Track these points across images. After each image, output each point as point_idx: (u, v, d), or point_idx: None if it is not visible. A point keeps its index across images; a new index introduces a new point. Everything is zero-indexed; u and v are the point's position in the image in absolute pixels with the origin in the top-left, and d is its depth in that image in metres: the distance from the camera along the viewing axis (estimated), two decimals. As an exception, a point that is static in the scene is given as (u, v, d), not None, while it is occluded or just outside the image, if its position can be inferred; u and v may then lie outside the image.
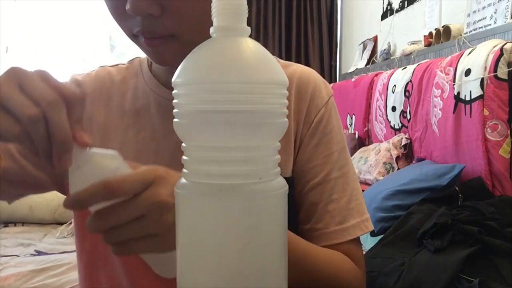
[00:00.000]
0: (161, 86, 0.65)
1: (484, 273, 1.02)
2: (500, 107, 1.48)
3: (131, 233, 0.40)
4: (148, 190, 0.39)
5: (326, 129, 0.64)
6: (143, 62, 0.69)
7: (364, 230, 0.63)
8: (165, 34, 0.52)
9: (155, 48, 0.54)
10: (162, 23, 0.51)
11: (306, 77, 0.66)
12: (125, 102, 0.66)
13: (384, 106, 2.48)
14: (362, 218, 0.63)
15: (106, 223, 0.39)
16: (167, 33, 0.52)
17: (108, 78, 0.68)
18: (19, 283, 1.78)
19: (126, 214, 0.39)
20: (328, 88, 0.68)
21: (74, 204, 0.39)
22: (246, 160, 0.31)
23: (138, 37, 0.54)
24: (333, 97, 0.68)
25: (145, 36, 0.52)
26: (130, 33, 0.54)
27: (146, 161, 0.59)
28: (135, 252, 0.42)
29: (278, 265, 0.33)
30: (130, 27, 0.53)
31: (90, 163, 0.40)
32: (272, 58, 0.33)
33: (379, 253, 1.29)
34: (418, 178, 1.66)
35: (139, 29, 0.52)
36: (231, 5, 0.32)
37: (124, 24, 0.54)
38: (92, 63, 3.96)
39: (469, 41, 1.94)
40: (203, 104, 0.30)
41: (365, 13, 3.48)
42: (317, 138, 0.64)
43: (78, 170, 0.40)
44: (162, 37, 0.52)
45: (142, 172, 0.40)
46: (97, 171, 0.40)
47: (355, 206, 0.63)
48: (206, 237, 0.31)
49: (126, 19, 0.52)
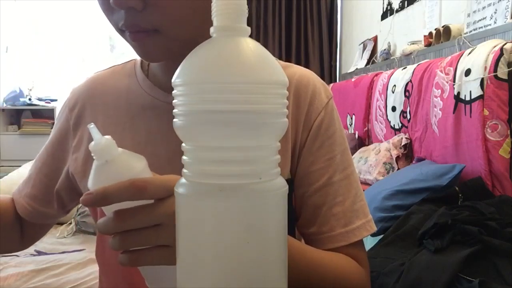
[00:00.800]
0: (155, 88, 0.64)
1: (484, 273, 1.02)
2: (500, 107, 1.48)
3: (145, 241, 0.39)
4: (171, 198, 0.39)
5: (327, 132, 0.64)
6: (137, 64, 0.69)
7: (369, 231, 0.63)
8: (148, 28, 0.52)
9: (139, 42, 0.53)
10: (144, 17, 0.51)
11: (305, 80, 0.65)
12: (120, 105, 0.65)
13: (384, 106, 2.48)
14: (367, 219, 0.63)
15: (123, 225, 0.39)
16: (150, 27, 0.52)
17: (101, 82, 0.69)
18: (19, 283, 1.78)
19: (146, 218, 0.39)
20: (328, 90, 0.67)
21: (101, 198, 0.38)
22: (246, 160, 0.31)
23: (124, 31, 0.54)
24: (333, 99, 0.67)
25: (129, 30, 0.52)
26: (117, 27, 0.54)
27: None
28: (142, 263, 0.41)
29: (278, 265, 0.33)
30: (116, 21, 0.53)
31: (118, 161, 0.40)
32: (272, 58, 0.33)
33: (379, 253, 1.29)
34: (418, 178, 1.66)
35: (123, 23, 0.52)
36: (231, 5, 0.32)
37: (111, 18, 0.54)
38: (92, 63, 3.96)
39: (469, 41, 1.94)
40: (203, 104, 0.30)
41: (365, 13, 3.48)
42: (319, 141, 0.63)
43: (105, 166, 0.40)
44: (146, 31, 0.52)
45: (166, 179, 0.40)
46: (124, 170, 0.39)
47: (359, 207, 0.63)
48: (206, 237, 0.31)
49: (113, 13, 0.53)
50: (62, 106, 0.72)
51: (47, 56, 4.03)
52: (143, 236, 0.39)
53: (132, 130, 0.64)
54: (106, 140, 0.40)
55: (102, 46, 4.20)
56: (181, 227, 0.33)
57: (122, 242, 0.39)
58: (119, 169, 0.39)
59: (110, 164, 0.40)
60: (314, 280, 0.55)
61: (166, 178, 0.40)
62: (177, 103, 0.32)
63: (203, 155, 0.31)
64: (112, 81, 0.68)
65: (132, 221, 0.39)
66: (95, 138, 0.40)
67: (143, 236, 0.39)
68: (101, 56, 4.14)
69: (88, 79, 0.71)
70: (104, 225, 0.39)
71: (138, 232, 0.39)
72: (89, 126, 0.41)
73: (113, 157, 0.40)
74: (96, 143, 0.40)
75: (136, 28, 0.52)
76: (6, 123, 3.96)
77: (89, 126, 0.41)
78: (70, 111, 0.69)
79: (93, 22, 4.01)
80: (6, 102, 3.88)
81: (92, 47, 4.15)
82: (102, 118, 0.66)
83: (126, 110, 0.65)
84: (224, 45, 0.32)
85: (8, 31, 3.73)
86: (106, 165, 0.40)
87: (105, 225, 0.39)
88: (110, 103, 0.66)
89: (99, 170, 0.40)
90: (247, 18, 0.33)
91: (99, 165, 0.40)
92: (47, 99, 3.97)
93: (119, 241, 0.39)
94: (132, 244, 0.39)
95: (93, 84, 0.69)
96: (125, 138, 0.63)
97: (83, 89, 0.69)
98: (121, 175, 0.39)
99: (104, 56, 4.15)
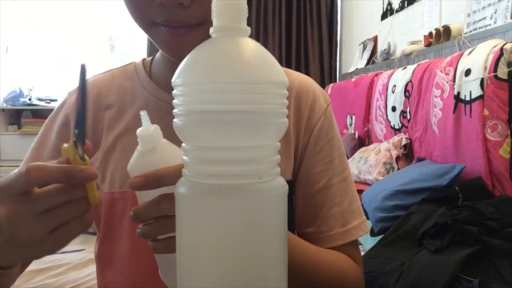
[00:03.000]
0: (160, 90, 0.65)
1: (484, 273, 1.02)
2: (500, 107, 1.48)
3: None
4: None
5: (327, 136, 0.67)
6: (139, 66, 0.68)
7: (365, 230, 0.66)
8: (193, 23, 0.52)
9: (178, 38, 0.53)
10: (190, 12, 0.50)
11: (306, 86, 0.68)
12: (123, 107, 0.66)
13: (384, 106, 2.48)
14: (362, 219, 0.67)
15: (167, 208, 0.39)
16: (195, 21, 0.52)
17: (103, 85, 0.68)
18: (19, 283, 1.78)
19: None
20: (326, 96, 0.70)
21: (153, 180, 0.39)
22: (246, 160, 0.31)
23: (158, 26, 0.53)
24: (331, 105, 0.70)
25: (172, 25, 0.52)
26: (150, 21, 0.53)
27: None
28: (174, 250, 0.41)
29: (278, 265, 0.33)
30: (152, 15, 0.52)
31: (165, 148, 0.42)
32: (272, 58, 0.33)
33: (379, 253, 1.29)
34: (418, 178, 1.66)
35: (165, 19, 0.51)
36: (231, 5, 0.32)
37: (143, 13, 0.53)
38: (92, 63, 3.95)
39: (469, 41, 1.94)
40: (203, 104, 0.30)
41: (365, 13, 3.48)
42: (320, 145, 0.66)
43: (153, 152, 0.41)
44: (189, 25, 0.52)
45: None
46: (171, 156, 0.41)
47: (356, 208, 0.66)
48: (206, 237, 0.31)
49: (147, 7, 0.51)
50: (56, 109, 0.69)
51: (47, 56, 4.03)
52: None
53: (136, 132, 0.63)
54: (155, 128, 0.42)
55: (102, 46, 4.20)
56: (181, 227, 0.33)
57: (162, 227, 0.40)
58: (166, 155, 0.41)
59: (157, 151, 0.42)
60: (316, 276, 0.58)
61: None
62: (177, 103, 0.32)
63: (203, 155, 0.31)
64: (115, 84, 0.68)
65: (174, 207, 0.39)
66: (144, 125, 0.42)
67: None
68: (101, 56, 4.14)
69: (92, 81, 0.69)
70: (146, 209, 0.40)
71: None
72: (141, 113, 0.42)
73: (160, 144, 0.42)
74: (145, 129, 0.42)
75: (181, 24, 0.52)
76: (6, 123, 3.95)
77: (141, 113, 0.42)
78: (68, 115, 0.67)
79: (93, 22, 4.01)
80: (6, 102, 3.87)
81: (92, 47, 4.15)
82: (106, 120, 0.65)
83: (130, 111, 0.65)
84: (224, 45, 0.32)
85: (8, 31, 3.73)
86: (153, 151, 0.41)
87: (147, 209, 0.40)
88: (114, 105, 0.66)
89: (145, 156, 0.42)
90: (247, 18, 0.33)
91: (145, 150, 0.42)
92: (47, 99, 3.97)
93: (157, 226, 0.40)
94: (172, 230, 0.39)
95: (94, 88, 0.68)
96: (129, 140, 0.63)
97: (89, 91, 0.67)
98: (168, 160, 0.40)
99: (104, 56, 4.15)
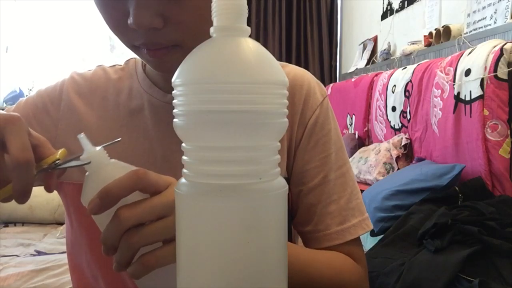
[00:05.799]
0: (154, 87, 0.65)
1: (484, 273, 1.02)
2: (500, 107, 1.48)
3: (152, 235, 0.38)
4: (168, 189, 0.39)
5: (322, 130, 0.64)
6: (138, 63, 0.69)
7: (365, 229, 0.63)
8: (169, 45, 0.52)
9: (159, 58, 0.53)
10: (165, 35, 0.50)
11: (300, 79, 0.65)
12: (119, 102, 0.66)
13: (384, 106, 2.48)
14: (363, 217, 0.64)
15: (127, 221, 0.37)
16: (170, 43, 0.52)
17: (104, 77, 0.69)
18: (19, 283, 1.78)
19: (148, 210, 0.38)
20: (323, 89, 0.67)
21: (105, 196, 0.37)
22: (246, 160, 0.31)
23: (139, 48, 0.53)
24: (328, 98, 0.68)
25: (149, 48, 0.52)
26: (131, 45, 0.54)
27: (138, 161, 0.59)
28: (157, 264, 0.39)
29: (278, 265, 0.33)
30: (131, 39, 0.53)
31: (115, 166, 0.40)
32: (272, 58, 0.33)
33: (379, 253, 1.29)
34: (418, 178, 1.66)
35: (142, 42, 0.51)
36: (231, 5, 0.32)
37: (123, 36, 0.53)
38: (92, 63, 3.95)
39: (469, 41, 1.94)
40: (203, 104, 0.30)
41: (365, 13, 3.48)
42: (314, 139, 0.64)
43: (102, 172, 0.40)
44: (166, 47, 0.52)
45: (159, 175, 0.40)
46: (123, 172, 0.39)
47: (355, 205, 0.63)
48: (206, 237, 0.31)
49: (126, 32, 0.52)
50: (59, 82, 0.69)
51: (47, 56, 4.03)
52: (148, 230, 0.38)
53: (130, 127, 0.64)
54: (100, 149, 0.40)
55: (102, 46, 4.20)
56: (181, 227, 0.33)
57: (130, 241, 0.38)
58: (118, 172, 0.39)
59: (107, 170, 0.40)
60: (309, 282, 0.55)
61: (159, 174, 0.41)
62: (177, 103, 0.32)
63: (203, 155, 0.31)
64: (115, 77, 0.69)
65: (134, 214, 0.38)
66: (86, 149, 0.40)
67: (148, 230, 0.38)
68: (101, 56, 4.14)
69: (94, 70, 0.70)
70: (108, 231, 0.38)
71: (143, 228, 0.38)
72: (79, 136, 0.40)
73: (108, 164, 0.40)
74: (88, 152, 0.40)
75: (157, 46, 0.52)
76: (6, 123, 3.95)
77: (79, 136, 0.40)
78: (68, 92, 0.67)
79: (93, 22, 4.01)
80: (6, 102, 3.87)
81: (92, 47, 4.15)
82: (98, 112, 0.66)
83: (125, 107, 0.65)
84: (224, 45, 0.32)
85: (8, 31, 3.73)
86: (102, 172, 0.40)
87: (108, 231, 0.38)
88: (111, 99, 0.66)
89: (94, 179, 0.40)
90: (247, 18, 0.33)
91: (93, 173, 0.40)
92: (47, 99, 3.97)
93: (126, 244, 0.38)
94: (140, 240, 0.38)
95: (98, 78, 0.69)
96: (122, 135, 0.63)
97: (87, 82, 0.68)
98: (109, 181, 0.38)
99: (104, 56, 4.15)
